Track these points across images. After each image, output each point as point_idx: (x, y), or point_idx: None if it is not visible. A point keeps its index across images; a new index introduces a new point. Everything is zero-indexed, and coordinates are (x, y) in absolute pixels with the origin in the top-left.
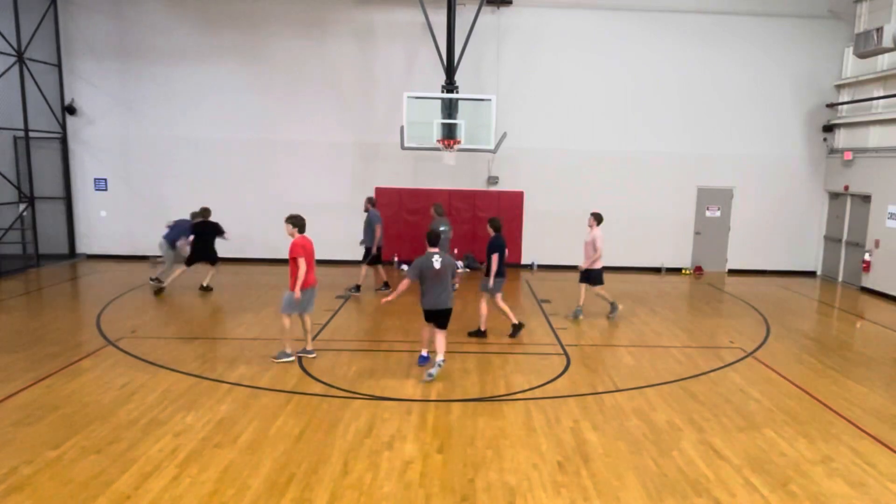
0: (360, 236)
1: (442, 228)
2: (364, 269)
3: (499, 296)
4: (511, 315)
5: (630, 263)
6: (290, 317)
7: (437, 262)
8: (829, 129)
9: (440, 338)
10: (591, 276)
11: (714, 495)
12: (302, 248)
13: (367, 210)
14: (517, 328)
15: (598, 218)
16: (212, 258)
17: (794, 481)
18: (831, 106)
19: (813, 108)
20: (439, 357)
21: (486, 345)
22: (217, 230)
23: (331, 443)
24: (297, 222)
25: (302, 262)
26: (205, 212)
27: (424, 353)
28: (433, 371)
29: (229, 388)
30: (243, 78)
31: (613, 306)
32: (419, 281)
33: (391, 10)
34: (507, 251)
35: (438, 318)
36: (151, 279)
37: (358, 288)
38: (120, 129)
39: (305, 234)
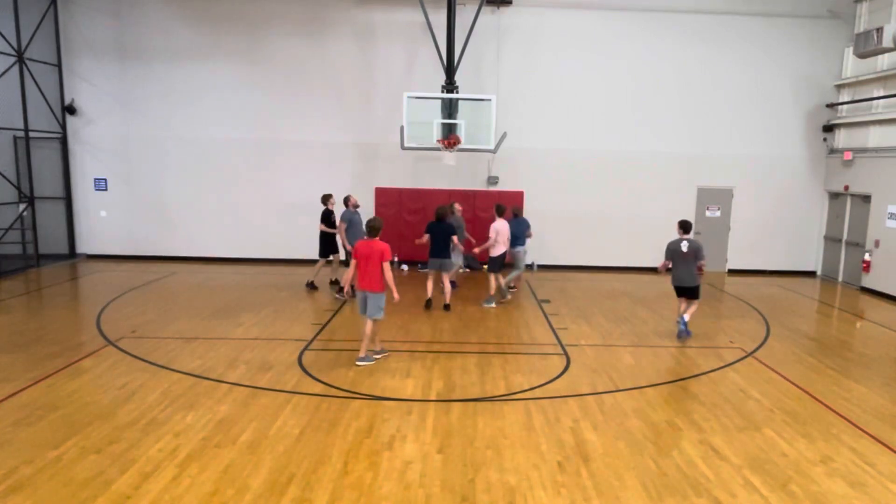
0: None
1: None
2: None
3: (430, 274)
4: (429, 292)
5: (630, 263)
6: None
7: (684, 246)
8: (829, 129)
9: (692, 307)
10: (491, 264)
11: (714, 495)
12: (354, 250)
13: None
14: (428, 303)
15: (497, 209)
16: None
17: (794, 481)
18: (831, 106)
19: (813, 108)
20: (685, 317)
21: (486, 345)
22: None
23: (331, 443)
24: (367, 225)
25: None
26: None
27: (684, 318)
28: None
29: (229, 388)
30: (243, 77)
31: (490, 298)
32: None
33: (391, 10)
34: (454, 238)
35: (682, 292)
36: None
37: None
38: (120, 129)
39: (377, 238)
